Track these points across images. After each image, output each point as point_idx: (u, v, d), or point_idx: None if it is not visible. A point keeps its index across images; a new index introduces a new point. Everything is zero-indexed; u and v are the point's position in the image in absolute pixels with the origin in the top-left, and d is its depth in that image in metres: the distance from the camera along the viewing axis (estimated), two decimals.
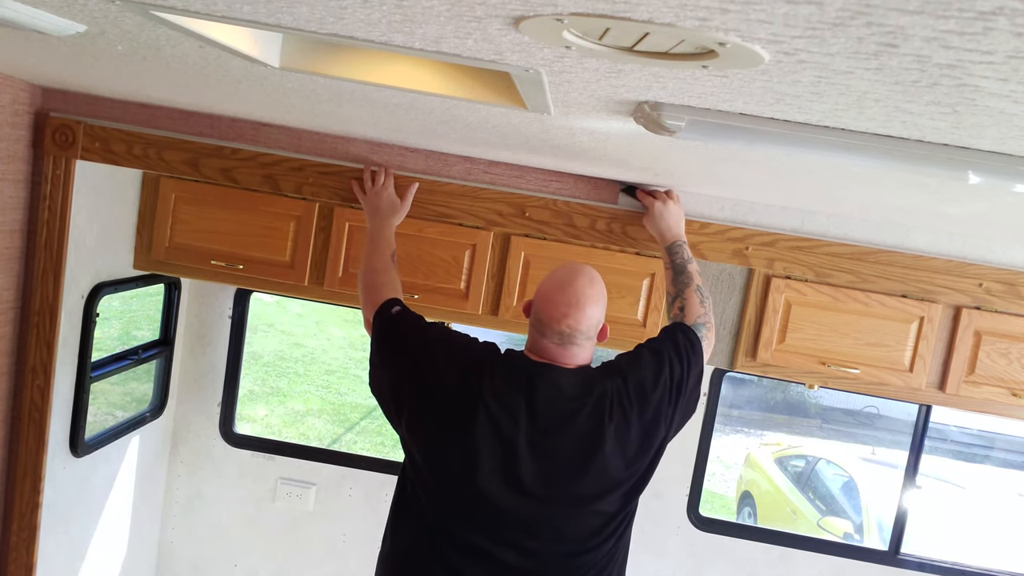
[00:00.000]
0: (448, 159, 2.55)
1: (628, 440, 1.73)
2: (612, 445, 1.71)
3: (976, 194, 1.43)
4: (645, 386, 1.78)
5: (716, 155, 1.49)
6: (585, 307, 1.74)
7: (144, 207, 2.68)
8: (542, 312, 1.75)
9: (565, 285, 1.76)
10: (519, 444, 1.68)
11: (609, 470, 1.71)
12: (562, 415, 1.71)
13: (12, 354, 2.53)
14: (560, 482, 1.70)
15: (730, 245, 2.49)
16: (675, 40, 0.76)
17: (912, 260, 2.46)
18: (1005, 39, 0.59)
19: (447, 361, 1.77)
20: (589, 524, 1.74)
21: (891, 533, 3.26)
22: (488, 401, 1.69)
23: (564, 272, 1.80)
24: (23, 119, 2.42)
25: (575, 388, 1.73)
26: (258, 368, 9.59)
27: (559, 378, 1.73)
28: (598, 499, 1.72)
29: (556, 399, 1.71)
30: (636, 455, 1.75)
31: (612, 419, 1.72)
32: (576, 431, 1.70)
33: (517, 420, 1.68)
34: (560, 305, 1.73)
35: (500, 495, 1.68)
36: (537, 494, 1.69)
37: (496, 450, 1.68)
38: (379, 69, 1.33)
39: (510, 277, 2.55)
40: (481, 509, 1.70)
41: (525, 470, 1.68)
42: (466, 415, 1.69)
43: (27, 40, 1.48)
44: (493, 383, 1.71)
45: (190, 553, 3.43)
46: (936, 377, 2.53)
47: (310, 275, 2.61)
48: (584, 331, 1.74)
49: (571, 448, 1.70)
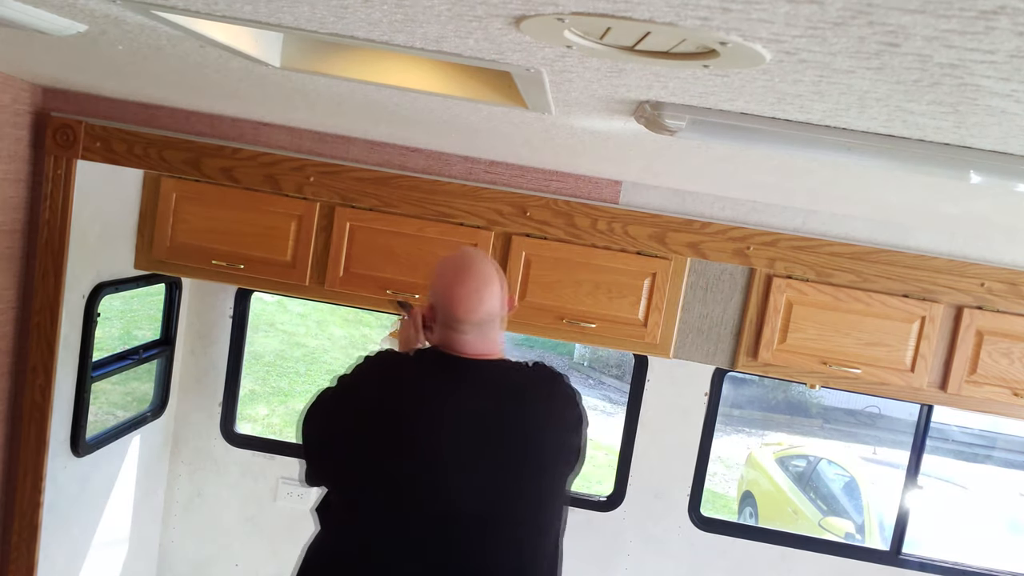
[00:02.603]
0: (449, 159, 2.55)
1: (558, 427, 1.74)
2: (548, 432, 1.72)
3: (978, 193, 1.43)
4: (571, 409, 1.77)
5: (717, 154, 1.49)
6: (492, 286, 1.70)
7: (145, 207, 2.68)
8: (454, 309, 1.69)
9: (466, 275, 1.71)
10: (459, 443, 1.65)
11: (545, 471, 1.71)
12: (497, 412, 1.68)
13: (13, 354, 2.53)
14: (507, 478, 1.68)
15: (731, 245, 2.49)
16: (676, 39, 0.76)
17: (913, 260, 2.46)
18: (1006, 38, 0.59)
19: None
20: (535, 515, 1.73)
21: (892, 533, 3.26)
22: (413, 413, 1.66)
23: (457, 262, 1.76)
24: (24, 119, 2.42)
25: (509, 383, 1.72)
26: (259, 368, 9.59)
27: (482, 371, 1.71)
28: (531, 494, 1.72)
29: (488, 393, 1.69)
30: (557, 462, 1.74)
31: (540, 411, 1.72)
32: (512, 422, 1.69)
33: (448, 420, 1.65)
34: (471, 294, 1.68)
35: (453, 496, 1.65)
36: (488, 491, 1.66)
37: (438, 455, 1.65)
38: (380, 69, 1.33)
39: (511, 277, 2.55)
40: (432, 512, 1.66)
41: (469, 469, 1.65)
42: (401, 438, 1.66)
43: (28, 40, 1.48)
44: (413, 397, 1.68)
45: (191, 553, 3.43)
46: (937, 377, 2.53)
47: (311, 275, 2.61)
48: (497, 311, 1.71)
49: (513, 440, 1.68)
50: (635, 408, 3.15)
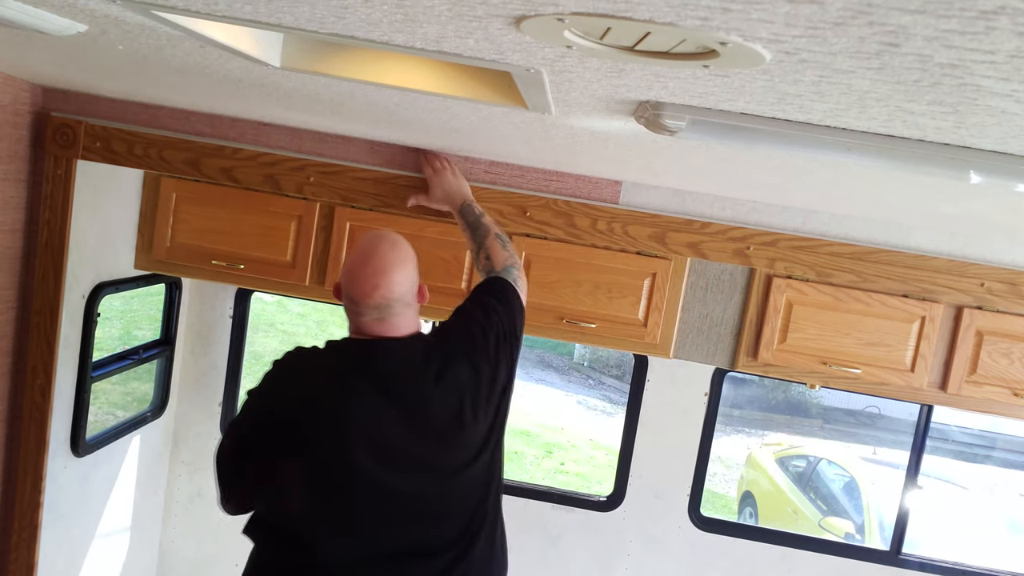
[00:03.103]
0: (449, 159, 2.54)
1: (478, 394, 1.73)
2: (467, 402, 1.71)
3: (978, 193, 1.43)
4: (477, 339, 1.79)
5: (717, 155, 1.49)
6: (392, 273, 1.67)
7: (145, 207, 2.68)
8: (352, 290, 1.68)
9: (367, 257, 1.69)
10: (378, 427, 1.64)
11: (467, 428, 1.71)
12: (414, 385, 1.68)
13: (13, 353, 2.53)
14: (431, 452, 1.68)
15: (731, 245, 2.49)
16: (676, 40, 0.76)
17: (913, 260, 2.46)
18: (1006, 38, 0.59)
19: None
20: (459, 489, 1.73)
21: (892, 533, 3.26)
22: (333, 401, 1.65)
23: (364, 243, 1.73)
24: (24, 119, 2.42)
25: (416, 355, 1.70)
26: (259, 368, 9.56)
27: (396, 350, 1.69)
28: (468, 460, 1.73)
29: (400, 371, 1.68)
30: (486, 407, 1.75)
31: (459, 376, 1.71)
32: (430, 399, 1.68)
33: (369, 403, 1.64)
34: (368, 277, 1.66)
35: (381, 481, 1.65)
36: (402, 474, 1.66)
37: (366, 437, 1.64)
38: (380, 69, 1.33)
39: None
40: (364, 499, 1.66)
41: (395, 448, 1.65)
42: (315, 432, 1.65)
43: (28, 40, 1.48)
44: (330, 385, 1.67)
45: (191, 553, 3.43)
46: (937, 377, 2.53)
47: (311, 275, 2.61)
48: (399, 298, 1.68)
49: (433, 415, 1.68)
50: (635, 408, 3.15)
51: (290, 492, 1.66)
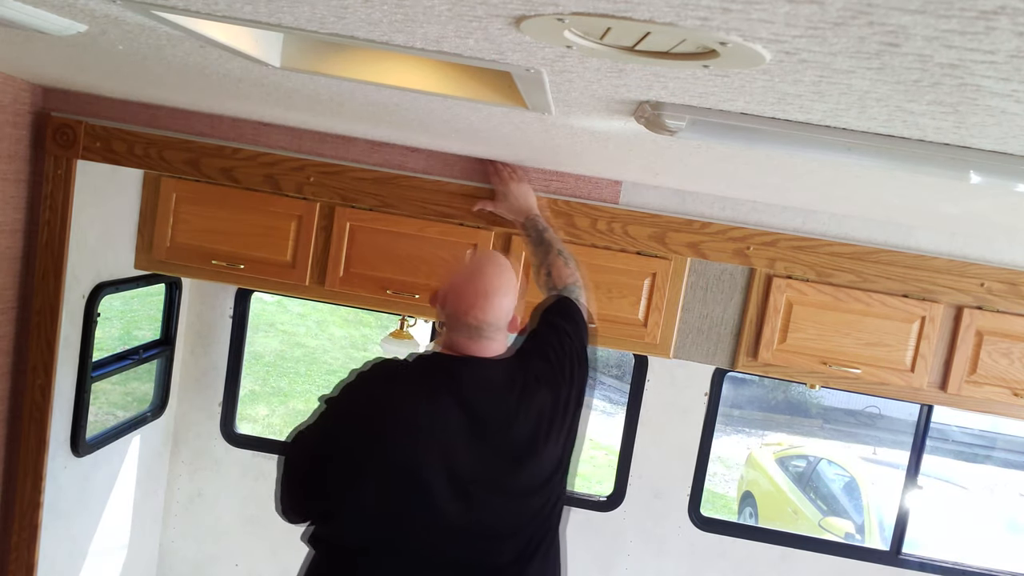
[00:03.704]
0: (449, 159, 2.55)
1: (554, 418, 1.72)
2: (543, 426, 1.70)
3: (978, 193, 1.43)
4: (553, 363, 1.78)
5: (717, 155, 1.49)
6: (494, 298, 1.67)
7: (145, 207, 2.68)
8: (450, 306, 1.68)
9: (474, 276, 1.69)
10: (458, 445, 1.63)
11: (542, 452, 1.70)
12: (497, 406, 1.67)
13: (13, 354, 2.53)
14: (505, 474, 1.67)
15: (731, 245, 2.49)
16: (676, 40, 0.76)
17: (913, 260, 2.46)
18: (1007, 38, 0.59)
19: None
20: (526, 512, 1.72)
21: (892, 533, 3.26)
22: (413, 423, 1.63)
23: (474, 261, 1.74)
24: (24, 119, 2.42)
25: (501, 377, 1.69)
26: (259, 368, 9.58)
27: (483, 371, 1.68)
28: (540, 483, 1.71)
29: (485, 392, 1.67)
30: (559, 430, 1.74)
31: (537, 401, 1.70)
32: (510, 422, 1.67)
33: (450, 421, 1.63)
34: (468, 297, 1.66)
35: (450, 504, 1.63)
36: (476, 493, 1.64)
37: (439, 460, 1.62)
38: (380, 69, 1.33)
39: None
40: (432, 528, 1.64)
41: (470, 468, 1.63)
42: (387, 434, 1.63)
43: (28, 40, 1.48)
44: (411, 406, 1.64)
45: (191, 553, 3.43)
46: (937, 377, 2.53)
47: (311, 275, 2.61)
48: (494, 322, 1.68)
49: (512, 438, 1.67)
50: (635, 408, 3.15)
51: (359, 503, 1.63)
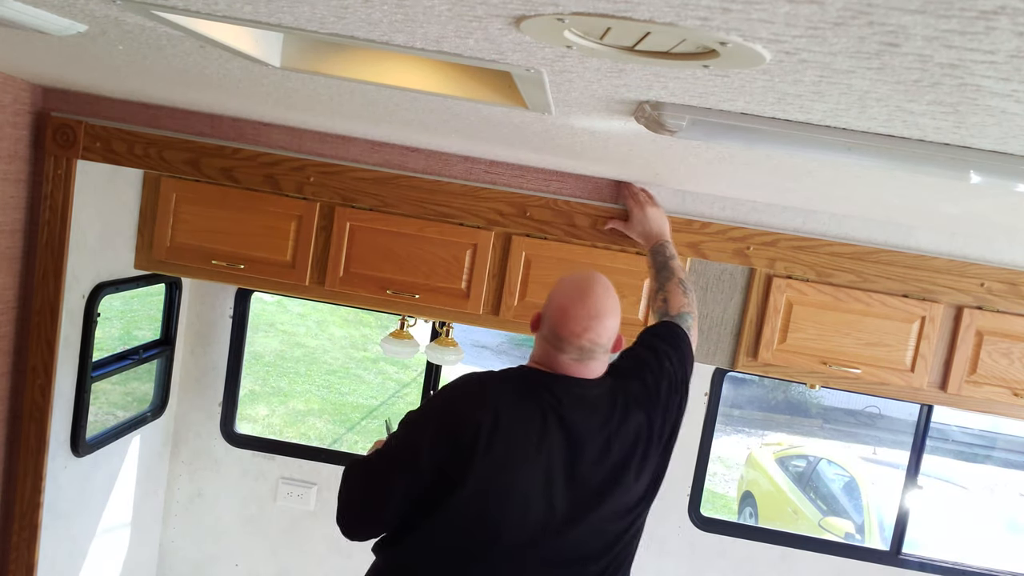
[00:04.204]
0: (449, 159, 2.55)
1: (649, 444, 1.70)
2: (639, 451, 1.67)
3: (978, 193, 1.43)
4: (651, 387, 1.75)
5: (717, 155, 1.49)
6: (605, 319, 1.64)
7: (145, 207, 2.68)
8: (560, 327, 1.64)
9: (583, 297, 1.65)
10: (555, 465, 1.61)
11: (636, 476, 1.68)
12: (598, 430, 1.64)
13: (13, 354, 2.53)
14: (597, 497, 1.64)
15: (731, 245, 2.49)
16: (676, 40, 0.76)
17: (914, 260, 2.46)
18: (1006, 38, 0.59)
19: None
20: (612, 535, 1.69)
21: (892, 533, 3.26)
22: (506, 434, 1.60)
23: (579, 282, 1.68)
24: (24, 119, 2.42)
25: (603, 400, 1.66)
26: (259, 368, 9.59)
27: (586, 393, 1.66)
28: (628, 507, 1.69)
29: (586, 414, 1.64)
30: (653, 456, 1.72)
31: (635, 425, 1.67)
32: (608, 444, 1.64)
33: (549, 440, 1.60)
34: (581, 319, 1.62)
35: (537, 522, 1.61)
36: (569, 515, 1.62)
37: (533, 477, 1.60)
38: (380, 69, 1.33)
39: (511, 277, 2.55)
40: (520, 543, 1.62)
41: (557, 492, 1.61)
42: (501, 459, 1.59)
43: (28, 40, 1.48)
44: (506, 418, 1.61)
45: (191, 553, 3.43)
46: (937, 377, 2.53)
47: (311, 275, 2.61)
48: (604, 344, 1.65)
49: (608, 461, 1.64)
50: None
51: (445, 517, 1.60)
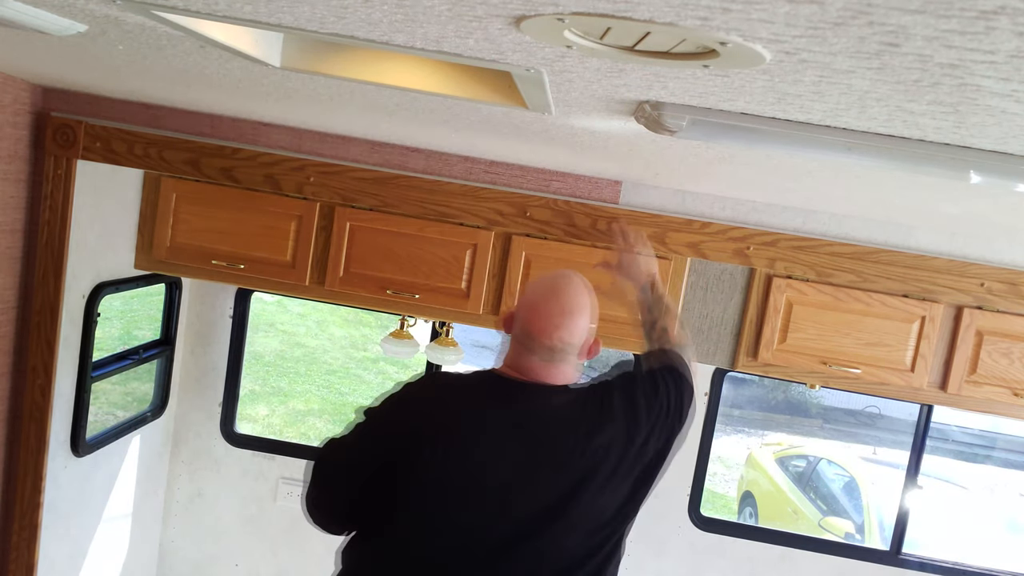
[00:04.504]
0: (449, 159, 2.55)
1: (621, 462, 1.63)
2: (607, 467, 1.61)
3: (978, 193, 1.43)
4: (639, 406, 1.67)
5: (717, 155, 1.49)
6: (577, 316, 1.59)
7: (145, 207, 2.68)
8: (530, 324, 1.59)
9: (555, 293, 1.61)
10: (510, 472, 1.57)
11: (602, 493, 1.61)
12: (559, 438, 1.58)
13: (13, 354, 2.53)
14: (555, 509, 1.59)
15: (731, 245, 2.49)
16: (676, 39, 0.76)
17: (914, 260, 2.46)
18: (1006, 38, 0.59)
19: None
20: (579, 551, 1.63)
21: (892, 533, 3.26)
22: (469, 436, 1.57)
23: (552, 280, 1.65)
24: (24, 119, 2.42)
25: (573, 409, 1.61)
26: (259, 368, 9.59)
27: (552, 400, 1.61)
28: (594, 526, 1.63)
29: (551, 422, 1.59)
30: (627, 477, 1.65)
31: (608, 440, 1.60)
32: (569, 455, 1.59)
33: (506, 445, 1.57)
34: (552, 315, 1.58)
35: (491, 525, 1.57)
36: (528, 523, 1.57)
37: (489, 480, 1.56)
38: (380, 69, 1.33)
39: (511, 277, 2.55)
40: (471, 539, 1.58)
41: (517, 499, 1.57)
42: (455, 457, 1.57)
43: (28, 40, 1.48)
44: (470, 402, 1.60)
45: (191, 552, 3.43)
46: (937, 377, 2.53)
47: (311, 275, 2.61)
48: (575, 344, 1.60)
49: (567, 473, 1.59)
50: None
51: (411, 510, 1.58)
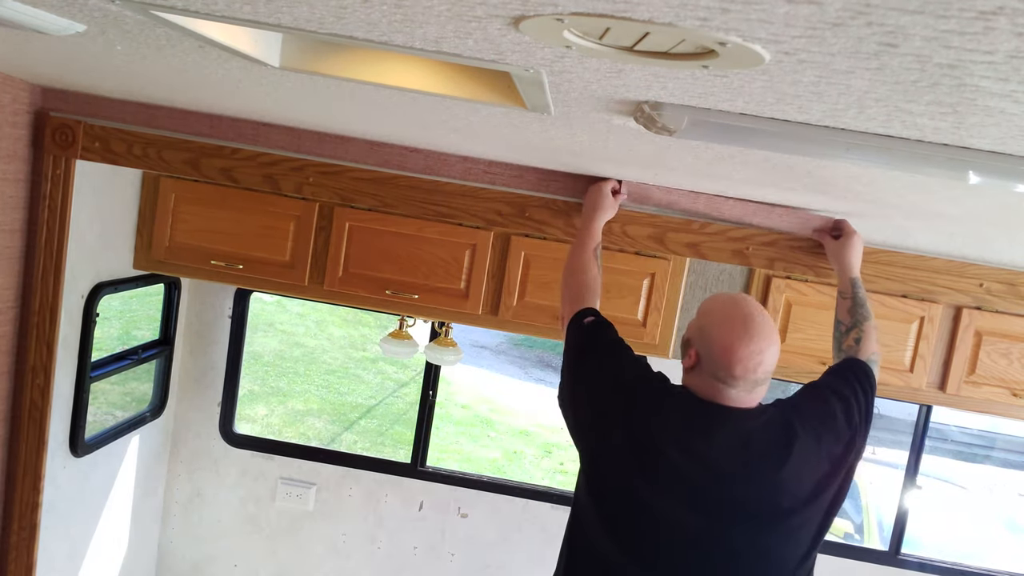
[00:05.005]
0: (448, 159, 2.55)
1: (825, 475, 1.65)
2: (810, 482, 1.63)
3: (977, 193, 1.43)
4: (839, 420, 1.71)
5: (717, 155, 1.49)
6: (773, 348, 1.61)
7: (144, 207, 2.68)
8: (733, 366, 1.59)
9: (748, 332, 1.59)
10: (698, 490, 1.60)
11: (808, 508, 1.63)
12: (746, 462, 1.61)
13: (12, 354, 2.53)
14: (748, 529, 1.61)
15: (730, 245, 2.49)
16: (675, 40, 0.76)
17: (912, 260, 2.46)
18: (1005, 39, 0.59)
19: (628, 390, 1.73)
20: (784, 565, 1.65)
21: (891, 533, 3.26)
22: (670, 443, 1.62)
23: (741, 318, 1.62)
24: (23, 119, 2.42)
25: (774, 430, 1.63)
26: (258, 368, 9.59)
27: (743, 423, 1.63)
28: (783, 544, 1.64)
29: (739, 446, 1.61)
30: (828, 489, 1.66)
31: (810, 457, 1.63)
32: (761, 477, 1.61)
33: (697, 468, 1.60)
34: (753, 355, 1.58)
35: (677, 542, 1.61)
36: (718, 540, 1.60)
37: (677, 495, 1.60)
38: (379, 69, 1.33)
39: (510, 277, 2.55)
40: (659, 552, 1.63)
41: (705, 514, 1.60)
42: (648, 455, 1.62)
43: (27, 40, 1.48)
44: (672, 424, 1.64)
45: (190, 553, 3.43)
46: (936, 377, 2.53)
47: (310, 275, 2.62)
48: (772, 368, 1.62)
49: (760, 493, 1.61)
50: None
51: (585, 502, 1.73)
